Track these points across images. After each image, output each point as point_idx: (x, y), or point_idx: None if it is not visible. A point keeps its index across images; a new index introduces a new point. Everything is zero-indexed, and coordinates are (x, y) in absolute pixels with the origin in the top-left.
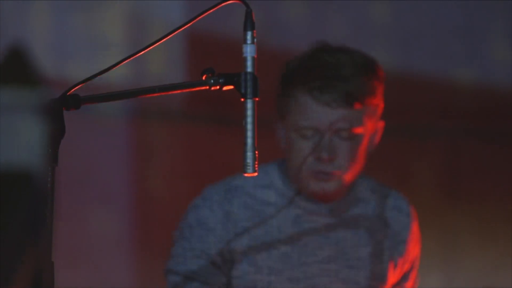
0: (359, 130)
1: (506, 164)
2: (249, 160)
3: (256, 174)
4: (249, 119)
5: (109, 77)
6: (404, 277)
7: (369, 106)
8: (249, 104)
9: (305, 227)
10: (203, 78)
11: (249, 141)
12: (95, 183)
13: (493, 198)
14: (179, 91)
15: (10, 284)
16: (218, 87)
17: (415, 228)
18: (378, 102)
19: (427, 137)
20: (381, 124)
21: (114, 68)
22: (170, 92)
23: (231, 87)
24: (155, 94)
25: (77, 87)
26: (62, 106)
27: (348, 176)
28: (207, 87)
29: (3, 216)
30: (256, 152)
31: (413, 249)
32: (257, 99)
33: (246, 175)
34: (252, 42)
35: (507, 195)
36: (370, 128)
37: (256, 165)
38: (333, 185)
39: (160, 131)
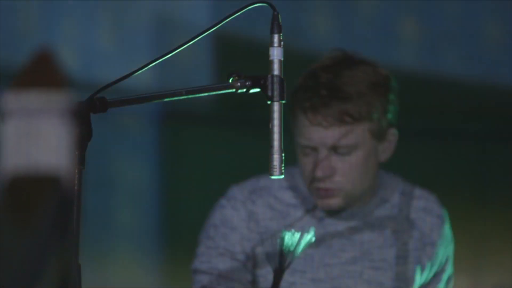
0: (358, 145)
1: None
2: (276, 162)
3: (282, 176)
4: (276, 122)
5: (136, 80)
6: (435, 279)
7: (370, 122)
8: (276, 107)
9: (329, 229)
10: (230, 80)
11: (276, 143)
12: (122, 185)
13: None
14: (206, 94)
15: (39, 285)
16: (244, 89)
17: (446, 230)
18: (382, 117)
19: (455, 139)
20: (392, 134)
21: (141, 71)
22: (197, 95)
23: (257, 89)
24: (182, 97)
25: (104, 90)
26: (89, 109)
27: (354, 190)
28: (234, 90)
29: (31, 219)
30: (283, 154)
31: (444, 251)
32: (283, 101)
33: (272, 177)
34: (279, 45)
35: None
36: (374, 141)
37: (282, 168)
38: (338, 201)
39: (187, 134)
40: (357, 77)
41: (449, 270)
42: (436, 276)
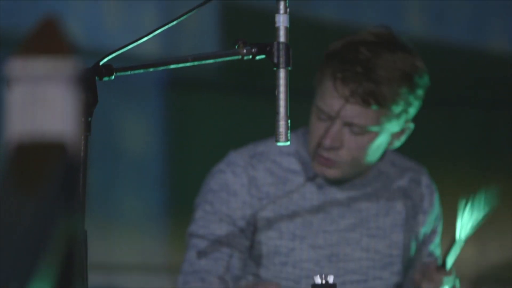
0: (373, 128)
1: None
2: (282, 129)
3: (288, 143)
4: (282, 89)
5: (142, 47)
6: (425, 244)
7: (392, 110)
8: (282, 74)
9: (327, 196)
10: (236, 47)
11: (282, 110)
12: (128, 152)
13: None
14: (212, 61)
15: (45, 251)
16: (250, 56)
17: (435, 200)
18: (405, 109)
19: (461, 107)
20: (408, 127)
21: (147, 37)
22: (203, 62)
23: (263, 56)
24: (188, 64)
25: (110, 57)
26: (95, 75)
27: (354, 167)
28: (240, 57)
29: (37, 186)
30: (289, 121)
31: (435, 220)
32: (289, 68)
33: (278, 144)
34: (285, 12)
35: None
36: (391, 129)
37: (288, 134)
38: (335, 173)
39: (193, 101)
40: (394, 63)
41: (438, 237)
42: (424, 243)
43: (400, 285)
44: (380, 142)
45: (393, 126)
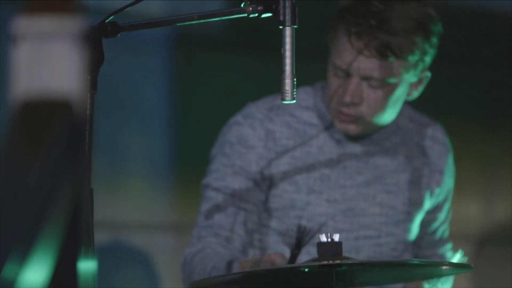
0: (391, 80)
1: None
2: (288, 87)
3: (294, 101)
4: (288, 47)
5: (148, 5)
6: (438, 208)
7: (409, 60)
8: (288, 32)
9: (345, 151)
10: (242, 5)
11: (288, 68)
12: (134, 110)
13: None
14: (218, 18)
15: (51, 210)
16: (256, 14)
17: (451, 159)
18: (421, 58)
19: (467, 65)
20: (425, 76)
21: None
22: (209, 20)
23: (269, 14)
24: (194, 22)
25: (115, 14)
26: (101, 33)
27: (375, 122)
28: (246, 14)
29: (43, 144)
30: (294, 79)
31: (449, 180)
32: (295, 26)
33: (284, 102)
34: None
35: None
36: (408, 79)
37: (294, 93)
38: (356, 128)
39: (199, 59)
40: (407, 13)
41: (450, 200)
42: (440, 204)
43: (411, 242)
44: (399, 94)
45: (411, 76)
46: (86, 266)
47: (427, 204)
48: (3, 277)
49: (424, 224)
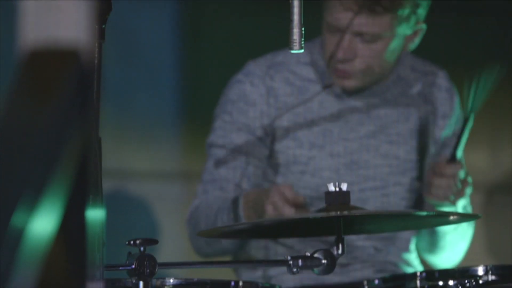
0: (385, 34)
1: None
2: (296, 36)
3: (302, 51)
4: None
5: None
6: (445, 150)
7: (400, 14)
8: None
9: (346, 104)
10: None
11: (296, 18)
12: (141, 59)
13: None
14: None
15: (60, 159)
16: None
17: (456, 104)
18: (413, 10)
19: (477, 13)
20: (420, 28)
21: None
22: None
23: None
24: None
25: None
26: None
27: (372, 75)
28: None
29: (51, 93)
30: (303, 29)
31: (454, 125)
32: None
33: (292, 52)
34: None
35: None
36: (402, 32)
37: (302, 42)
38: (354, 83)
39: (207, 7)
40: None
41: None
42: (445, 148)
43: (420, 190)
44: (394, 47)
45: (404, 29)
46: (95, 214)
47: (433, 149)
48: (12, 225)
49: (439, 152)
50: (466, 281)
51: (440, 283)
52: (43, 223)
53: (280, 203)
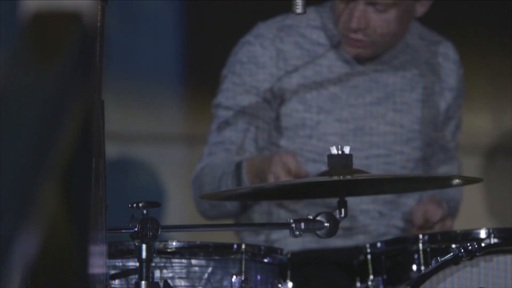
0: (396, 3)
1: None
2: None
3: (305, 13)
4: None
5: None
6: (447, 123)
7: None
8: None
9: (354, 70)
10: None
11: None
12: (145, 21)
13: None
14: None
15: (64, 119)
16: None
17: (461, 76)
18: None
19: None
20: None
21: None
22: None
23: None
24: None
25: None
26: None
27: (384, 44)
28: None
29: (54, 55)
30: None
31: (458, 98)
32: None
33: (295, 14)
34: None
35: None
36: (412, 1)
37: (305, 6)
38: (366, 51)
39: None
40: None
41: (458, 119)
42: (448, 121)
43: (421, 160)
44: (404, 16)
45: None
46: (97, 176)
47: (437, 120)
48: (15, 186)
49: (434, 141)
50: (468, 244)
51: (443, 245)
52: (45, 184)
53: (281, 173)
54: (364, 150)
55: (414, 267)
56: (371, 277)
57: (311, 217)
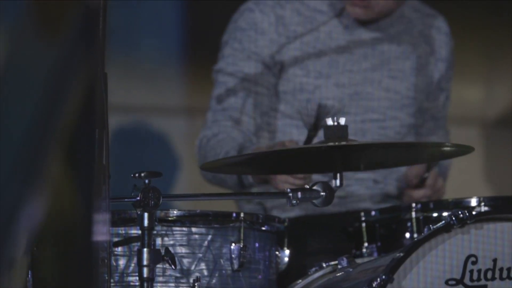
0: None
1: None
2: None
3: None
4: None
5: None
6: (438, 93)
7: None
8: None
9: (353, 37)
10: None
11: None
12: (146, 6)
13: None
14: None
15: (68, 91)
16: None
17: (452, 48)
18: None
19: None
20: None
21: None
22: None
23: None
24: None
25: None
26: None
27: (383, 6)
28: None
29: (59, 30)
30: None
31: (449, 69)
32: None
33: None
34: None
35: None
36: None
37: None
38: (368, 13)
39: None
40: None
41: (448, 90)
42: (439, 91)
43: (413, 126)
44: None
45: None
46: (101, 146)
47: (430, 90)
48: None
49: (425, 110)
50: (460, 212)
51: (435, 214)
52: (50, 153)
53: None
54: (361, 114)
55: (407, 235)
56: (366, 244)
57: (308, 187)
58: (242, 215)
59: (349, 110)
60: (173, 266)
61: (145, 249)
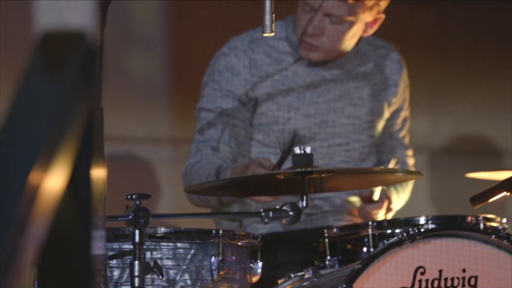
0: (349, 19)
1: (491, 22)
2: (267, 22)
3: (273, 34)
4: None
5: None
6: (395, 115)
7: (366, 3)
8: None
9: (316, 74)
10: None
11: (267, 5)
12: (137, 39)
13: (475, 54)
14: None
15: (69, 123)
16: None
17: (404, 73)
18: (377, 2)
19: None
20: (380, 17)
21: None
22: None
23: None
24: None
25: None
26: None
27: (335, 51)
28: None
29: (61, 69)
30: (273, 15)
31: (403, 91)
32: None
33: (264, 35)
34: None
35: (488, 50)
36: (364, 19)
37: (273, 26)
38: (318, 56)
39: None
40: None
41: (405, 111)
42: (397, 111)
43: (374, 146)
44: (355, 30)
45: (366, 16)
46: (98, 172)
47: (386, 113)
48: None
49: (385, 130)
50: (410, 229)
51: (389, 230)
52: (55, 180)
53: (256, 170)
54: (328, 140)
55: (365, 249)
56: (328, 257)
57: (278, 207)
58: (221, 232)
59: (317, 137)
60: (161, 277)
61: (136, 262)
